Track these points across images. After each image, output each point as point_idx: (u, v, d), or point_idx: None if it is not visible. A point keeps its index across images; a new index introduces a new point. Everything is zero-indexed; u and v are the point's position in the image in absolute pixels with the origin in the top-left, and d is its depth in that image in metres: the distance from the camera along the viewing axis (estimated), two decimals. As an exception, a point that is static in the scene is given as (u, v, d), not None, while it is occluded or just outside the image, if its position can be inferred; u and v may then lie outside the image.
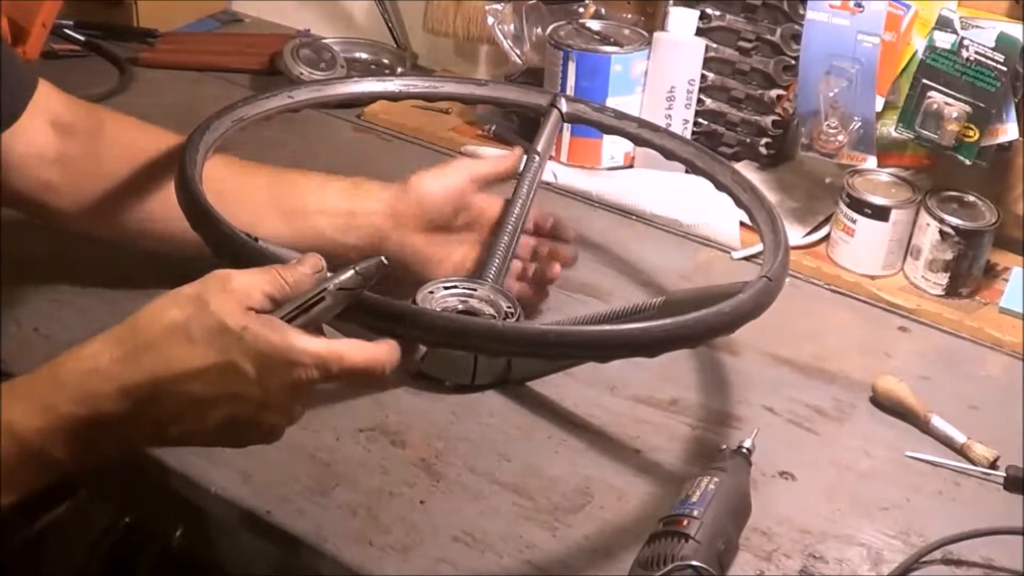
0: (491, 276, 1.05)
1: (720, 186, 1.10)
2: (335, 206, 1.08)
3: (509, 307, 1.01)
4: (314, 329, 0.76)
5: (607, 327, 0.86)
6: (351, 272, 0.76)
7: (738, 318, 0.85)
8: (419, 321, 0.79)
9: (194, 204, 0.85)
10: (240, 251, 0.80)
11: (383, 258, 0.76)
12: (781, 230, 0.99)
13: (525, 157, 1.14)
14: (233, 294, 0.74)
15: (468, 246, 1.12)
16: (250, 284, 0.75)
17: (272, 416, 0.76)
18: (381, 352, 0.78)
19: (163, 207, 1.01)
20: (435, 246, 1.10)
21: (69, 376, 0.74)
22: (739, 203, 1.07)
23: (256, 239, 0.81)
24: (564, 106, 1.18)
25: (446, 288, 1.02)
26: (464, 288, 1.03)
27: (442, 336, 0.79)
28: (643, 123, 1.19)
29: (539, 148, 1.14)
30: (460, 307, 1.01)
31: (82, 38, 1.69)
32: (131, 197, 1.06)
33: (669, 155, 1.16)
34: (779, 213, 1.02)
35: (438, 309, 0.97)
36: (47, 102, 1.04)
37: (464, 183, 1.10)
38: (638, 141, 1.20)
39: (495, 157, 1.14)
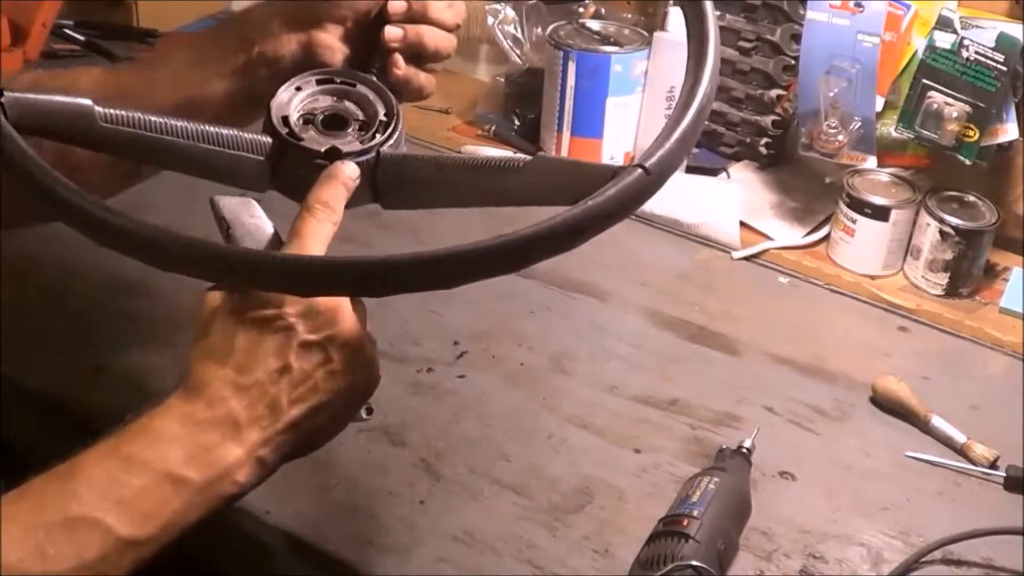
0: (374, 68, 0.89)
1: None
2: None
3: (384, 115, 0.83)
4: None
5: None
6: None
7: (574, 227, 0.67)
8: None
9: None
10: None
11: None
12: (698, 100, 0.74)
13: None
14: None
15: None
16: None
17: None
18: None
19: None
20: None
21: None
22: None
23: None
24: None
25: (319, 83, 0.84)
26: (343, 82, 0.85)
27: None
28: None
29: None
30: (326, 112, 0.83)
31: (82, 38, 1.68)
32: None
33: None
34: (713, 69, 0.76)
35: (299, 113, 0.82)
36: None
37: None
38: None
39: None
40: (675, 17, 1.37)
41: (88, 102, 0.76)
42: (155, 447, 0.70)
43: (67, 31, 1.68)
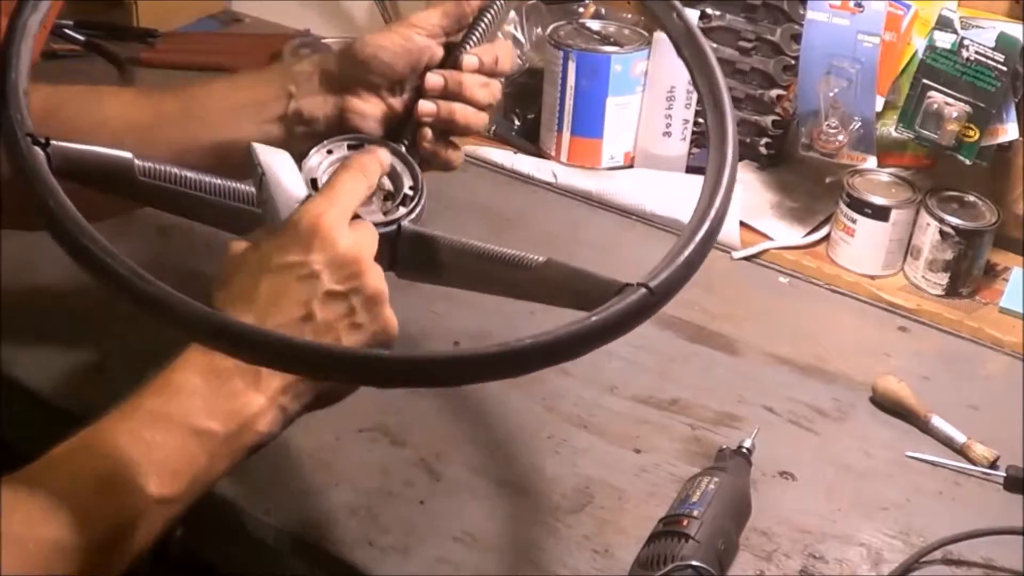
0: (405, 140, 0.91)
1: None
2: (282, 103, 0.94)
3: (410, 187, 0.85)
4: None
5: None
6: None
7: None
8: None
9: None
10: None
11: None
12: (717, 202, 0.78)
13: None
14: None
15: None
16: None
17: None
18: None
19: None
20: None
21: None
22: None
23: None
24: None
25: (350, 147, 0.86)
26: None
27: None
28: None
29: None
30: None
31: (82, 38, 1.69)
32: None
33: None
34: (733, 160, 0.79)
35: (327, 176, 0.82)
36: None
37: (424, 39, 0.92)
38: None
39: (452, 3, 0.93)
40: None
41: (128, 155, 0.78)
42: (177, 401, 0.70)
43: (67, 31, 1.68)
